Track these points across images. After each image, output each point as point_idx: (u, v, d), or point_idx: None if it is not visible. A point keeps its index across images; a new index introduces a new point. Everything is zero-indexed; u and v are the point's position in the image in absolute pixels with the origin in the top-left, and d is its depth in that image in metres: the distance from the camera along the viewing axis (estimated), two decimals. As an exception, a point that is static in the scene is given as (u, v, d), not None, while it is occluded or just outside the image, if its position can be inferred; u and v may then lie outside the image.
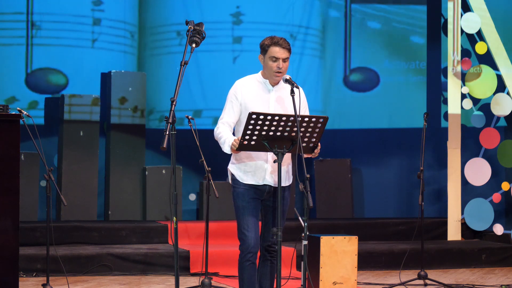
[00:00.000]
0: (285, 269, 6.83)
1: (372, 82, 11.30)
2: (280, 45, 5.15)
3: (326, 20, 11.32)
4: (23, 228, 7.85)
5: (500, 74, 10.01)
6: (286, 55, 5.16)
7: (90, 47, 10.58)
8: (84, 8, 10.56)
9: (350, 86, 11.29)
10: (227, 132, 5.14)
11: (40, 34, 10.41)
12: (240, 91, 5.22)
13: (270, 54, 5.16)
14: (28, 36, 10.37)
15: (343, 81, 11.28)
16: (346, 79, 11.26)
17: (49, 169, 6.53)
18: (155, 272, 8.31)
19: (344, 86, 11.27)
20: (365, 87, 11.30)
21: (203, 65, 10.77)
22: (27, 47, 10.37)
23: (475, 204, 10.03)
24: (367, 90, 11.31)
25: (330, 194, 10.67)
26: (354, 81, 11.27)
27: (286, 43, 5.17)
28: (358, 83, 11.29)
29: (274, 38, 5.18)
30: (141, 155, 10.15)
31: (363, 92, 11.29)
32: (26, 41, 10.37)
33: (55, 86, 10.48)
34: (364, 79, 11.29)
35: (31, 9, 10.37)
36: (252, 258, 5.15)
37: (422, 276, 7.83)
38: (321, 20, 11.31)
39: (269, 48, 5.16)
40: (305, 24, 11.17)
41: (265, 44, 5.19)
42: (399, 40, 11.32)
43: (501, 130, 10.07)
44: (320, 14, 11.31)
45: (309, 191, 4.73)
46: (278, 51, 5.14)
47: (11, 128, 5.91)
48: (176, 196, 4.75)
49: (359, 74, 11.30)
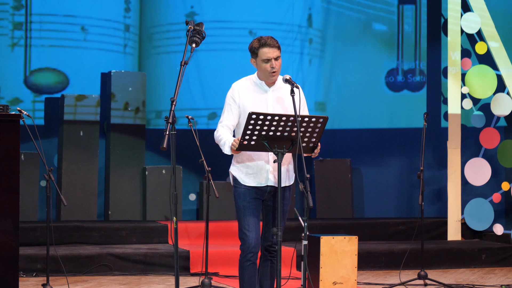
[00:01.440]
0: (285, 269, 6.83)
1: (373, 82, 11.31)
2: (268, 45, 5.12)
3: (327, 20, 11.32)
4: (23, 228, 7.85)
5: (500, 74, 10.01)
6: (276, 54, 5.14)
7: (91, 47, 10.58)
8: (84, 8, 10.56)
9: (351, 86, 11.29)
10: (227, 134, 5.14)
11: (40, 35, 10.41)
12: (237, 93, 5.22)
13: (261, 57, 5.13)
14: (27, 36, 10.38)
15: (343, 81, 11.28)
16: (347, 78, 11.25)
17: (49, 169, 6.53)
18: (155, 272, 8.31)
19: (345, 86, 11.26)
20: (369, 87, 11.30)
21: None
22: (25, 48, 10.37)
23: (475, 204, 10.03)
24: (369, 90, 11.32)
25: (330, 194, 10.67)
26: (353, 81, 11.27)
27: (273, 41, 5.14)
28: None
29: (261, 39, 5.14)
30: (141, 155, 10.14)
31: (365, 92, 11.29)
32: (25, 42, 10.37)
33: (55, 86, 10.48)
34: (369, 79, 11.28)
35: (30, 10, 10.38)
36: (252, 258, 5.15)
37: (422, 276, 7.83)
38: (322, 20, 11.31)
39: (259, 50, 5.13)
40: (305, 24, 11.16)
41: (254, 47, 5.16)
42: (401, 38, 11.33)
43: (501, 130, 10.07)
44: (321, 13, 11.31)
45: (309, 191, 4.73)
46: (268, 51, 5.12)
47: (11, 128, 5.90)
48: (176, 196, 4.75)
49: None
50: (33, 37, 10.39)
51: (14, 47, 10.36)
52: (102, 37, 10.63)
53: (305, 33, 11.19)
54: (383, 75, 11.29)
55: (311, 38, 11.25)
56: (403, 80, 11.28)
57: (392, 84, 11.27)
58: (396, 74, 11.30)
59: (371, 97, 11.20)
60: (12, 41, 10.36)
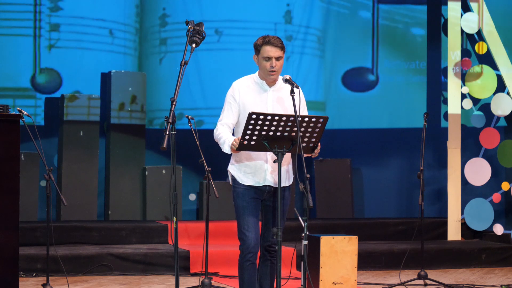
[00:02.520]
0: (285, 269, 6.82)
1: (371, 81, 11.30)
2: (272, 43, 5.12)
3: (327, 20, 11.32)
4: (23, 228, 7.85)
5: (500, 74, 10.01)
6: (278, 54, 5.14)
7: (91, 47, 10.58)
8: (85, 8, 10.56)
9: (350, 86, 11.29)
10: (227, 133, 5.14)
11: (42, 34, 10.40)
12: (237, 92, 5.22)
13: (263, 54, 5.14)
14: (33, 36, 10.38)
15: (342, 81, 11.27)
16: (345, 79, 11.26)
17: (49, 169, 6.53)
18: (155, 272, 8.31)
19: (343, 86, 11.26)
20: (364, 87, 11.30)
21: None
22: (34, 48, 10.38)
23: (475, 204, 10.03)
24: (366, 90, 11.31)
25: (330, 194, 10.67)
26: (352, 81, 11.27)
27: (278, 41, 5.14)
28: (357, 83, 11.29)
29: (266, 38, 5.14)
30: (141, 155, 10.15)
31: (363, 92, 11.29)
32: (34, 42, 10.38)
33: (55, 86, 10.48)
34: (363, 79, 11.28)
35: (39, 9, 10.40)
36: (252, 258, 5.15)
37: (422, 276, 7.83)
38: (322, 19, 11.31)
39: (261, 48, 5.14)
40: (305, 24, 11.16)
41: (258, 44, 5.17)
42: (399, 39, 11.33)
43: (501, 130, 10.07)
44: (321, 13, 11.31)
45: (309, 191, 4.73)
46: (270, 50, 5.12)
47: (11, 128, 5.90)
48: (176, 196, 4.75)
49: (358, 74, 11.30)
50: (38, 36, 10.39)
51: (17, 47, 10.38)
52: (102, 37, 10.63)
53: (304, 32, 11.19)
54: (383, 74, 11.29)
55: (311, 37, 11.25)
56: (403, 79, 11.27)
57: (392, 84, 11.27)
58: (396, 74, 11.29)
59: (371, 97, 11.21)
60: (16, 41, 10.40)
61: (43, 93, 10.38)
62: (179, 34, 10.80)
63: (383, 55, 11.28)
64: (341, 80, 11.28)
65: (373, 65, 11.26)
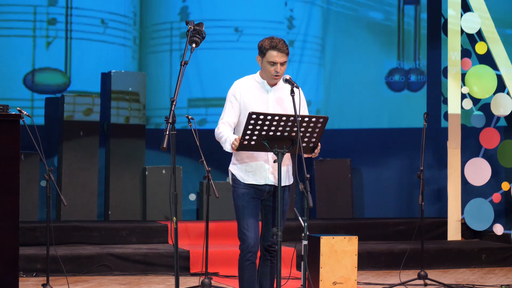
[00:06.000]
0: (285, 269, 6.83)
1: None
2: (278, 49, 5.09)
3: (327, 19, 11.32)
4: (23, 228, 7.85)
5: (500, 74, 10.01)
6: (284, 59, 5.13)
7: (91, 47, 10.59)
8: (86, 2, 10.57)
9: (351, 86, 11.29)
10: (228, 131, 5.13)
11: (41, 33, 10.40)
12: (239, 91, 5.22)
13: (268, 59, 5.12)
14: (30, 35, 10.39)
15: (343, 81, 11.28)
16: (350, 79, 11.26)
17: (49, 169, 6.53)
18: (155, 272, 8.31)
19: (345, 86, 11.26)
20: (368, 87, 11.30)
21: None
22: (33, 46, 10.38)
23: (475, 204, 10.03)
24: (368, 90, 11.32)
25: (330, 194, 10.67)
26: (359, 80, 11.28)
27: (284, 46, 5.12)
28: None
29: (273, 41, 5.11)
30: (141, 155, 10.14)
31: (366, 92, 11.29)
32: (33, 41, 10.38)
33: (55, 86, 10.48)
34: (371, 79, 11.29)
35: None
36: (252, 258, 5.15)
37: (422, 276, 7.83)
38: (322, 20, 11.31)
39: (267, 52, 5.11)
40: (304, 27, 11.16)
41: (263, 47, 5.14)
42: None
43: (501, 130, 10.07)
44: (321, 13, 11.31)
45: (309, 191, 4.73)
46: (276, 55, 5.11)
47: (11, 128, 5.90)
48: (176, 196, 4.75)
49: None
50: (36, 37, 10.39)
51: (16, 46, 10.37)
52: (102, 36, 10.63)
53: (304, 33, 11.19)
54: (383, 75, 11.29)
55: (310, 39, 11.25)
56: (403, 80, 11.27)
57: (392, 84, 11.27)
58: (396, 74, 11.29)
59: (371, 97, 11.20)
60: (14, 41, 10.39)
61: (43, 93, 10.38)
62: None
63: (383, 55, 11.28)
64: (342, 80, 11.28)
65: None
